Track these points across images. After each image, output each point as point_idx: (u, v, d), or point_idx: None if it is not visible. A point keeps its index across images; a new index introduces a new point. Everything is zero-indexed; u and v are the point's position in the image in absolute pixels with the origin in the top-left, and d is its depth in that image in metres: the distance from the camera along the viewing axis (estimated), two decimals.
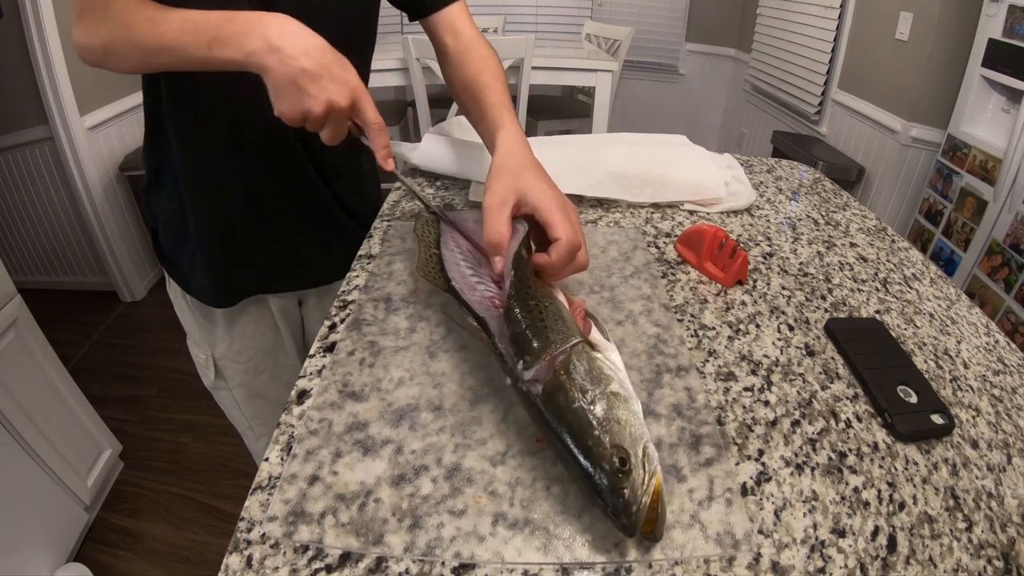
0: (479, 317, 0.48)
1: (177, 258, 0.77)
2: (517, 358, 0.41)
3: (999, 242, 1.58)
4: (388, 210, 0.77)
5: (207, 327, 0.82)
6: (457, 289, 0.51)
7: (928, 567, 0.36)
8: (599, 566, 0.34)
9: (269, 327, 0.85)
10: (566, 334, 0.42)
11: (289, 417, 0.44)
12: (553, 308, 0.45)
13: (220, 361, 0.84)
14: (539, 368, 0.40)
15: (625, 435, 0.35)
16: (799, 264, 0.69)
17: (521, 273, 0.49)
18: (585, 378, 0.38)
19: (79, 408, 1.38)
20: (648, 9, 3.39)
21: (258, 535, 0.35)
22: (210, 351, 0.83)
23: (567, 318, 0.44)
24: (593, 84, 2.12)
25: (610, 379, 0.39)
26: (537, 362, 0.40)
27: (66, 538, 1.30)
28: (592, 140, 0.92)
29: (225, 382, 0.86)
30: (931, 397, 0.47)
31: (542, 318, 0.43)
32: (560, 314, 0.44)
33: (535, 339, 0.42)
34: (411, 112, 2.80)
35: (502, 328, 0.45)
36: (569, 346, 0.41)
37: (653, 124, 3.69)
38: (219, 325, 0.81)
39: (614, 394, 0.38)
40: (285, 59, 0.50)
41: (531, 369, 0.40)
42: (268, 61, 0.50)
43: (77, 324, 2.16)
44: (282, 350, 0.88)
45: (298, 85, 0.50)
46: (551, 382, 0.39)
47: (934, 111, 1.94)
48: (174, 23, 0.53)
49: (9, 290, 1.20)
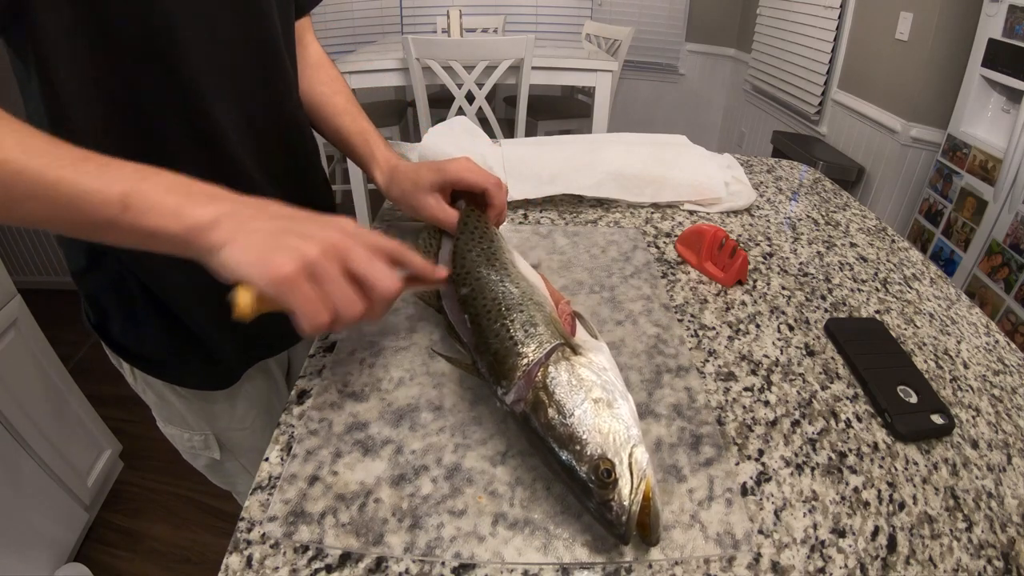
0: (463, 342, 0.47)
1: (153, 350, 0.63)
2: (495, 384, 0.41)
3: (999, 242, 1.58)
4: (388, 210, 0.77)
5: (203, 408, 0.69)
6: (445, 309, 0.51)
7: (928, 567, 0.36)
8: (599, 566, 0.34)
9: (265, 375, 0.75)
10: (540, 341, 0.41)
11: (289, 417, 0.44)
12: (522, 316, 0.43)
13: (223, 434, 0.72)
14: (518, 388, 0.39)
15: (609, 444, 0.35)
16: (799, 264, 0.69)
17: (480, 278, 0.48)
18: (565, 389, 0.38)
19: (79, 408, 1.38)
20: (648, 9, 3.39)
21: (258, 535, 0.35)
22: (208, 429, 0.71)
23: (542, 320, 0.43)
24: (593, 84, 2.12)
25: (592, 385, 0.38)
26: (513, 384, 0.39)
27: (66, 538, 1.30)
28: (592, 140, 0.92)
29: (232, 453, 0.75)
30: (931, 397, 0.47)
31: (511, 335, 0.42)
32: (531, 320, 0.43)
33: (507, 359, 0.40)
34: (411, 112, 2.80)
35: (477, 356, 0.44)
36: (544, 355, 0.40)
37: (653, 124, 3.69)
38: (218, 402, 0.69)
39: (596, 401, 0.37)
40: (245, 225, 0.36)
41: (510, 392, 0.39)
42: (225, 241, 0.36)
43: (77, 324, 2.16)
44: (275, 394, 0.77)
45: (277, 242, 0.36)
46: (531, 401, 0.38)
47: (934, 111, 1.94)
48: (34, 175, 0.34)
49: (9, 290, 1.20)
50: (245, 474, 0.78)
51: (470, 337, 0.45)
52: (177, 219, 0.35)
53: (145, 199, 0.35)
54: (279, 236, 0.36)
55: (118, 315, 0.61)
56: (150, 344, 0.63)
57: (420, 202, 0.59)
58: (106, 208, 0.35)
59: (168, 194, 0.36)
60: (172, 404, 0.69)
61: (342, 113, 0.67)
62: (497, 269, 0.49)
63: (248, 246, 0.35)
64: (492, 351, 0.42)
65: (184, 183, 0.37)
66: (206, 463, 0.76)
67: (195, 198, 0.36)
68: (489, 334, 0.43)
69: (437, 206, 0.58)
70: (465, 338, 0.46)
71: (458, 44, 1.95)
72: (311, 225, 0.38)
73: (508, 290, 0.46)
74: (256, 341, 0.69)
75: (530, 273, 0.52)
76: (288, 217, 0.38)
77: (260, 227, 0.36)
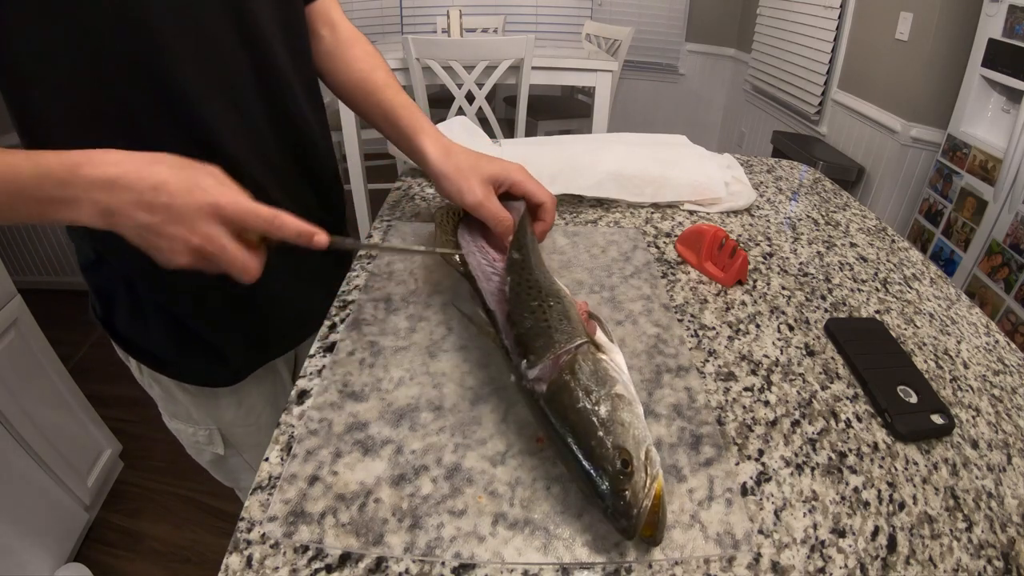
0: (488, 309, 0.48)
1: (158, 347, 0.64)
2: (521, 356, 0.41)
3: (999, 242, 1.58)
4: (388, 211, 0.77)
5: (208, 403, 0.70)
6: (473, 275, 0.51)
7: (928, 567, 0.36)
8: (599, 566, 0.34)
9: (272, 372, 0.75)
10: (571, 334, 0.42)
11: (289, 417, 0.44)
12: (559, 308, 0.45)
13: (228, 429, 0.73)
14: (543, 367, 0.39)
15: (628, 437, 0.35)
16: (799, 264, 0.69)
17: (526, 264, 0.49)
18: (590, 379, 0.38)
19: (79, 408, 1.38)
20: (648, 9, 3.39)
21: (258, 535, 0.35)
22: (214, 424, 0.72)
23: (573, 317, 0.44)
24: (593, 84, 2.13)
25: (615, 381, 0.39)
26: (541, 361, 0.40)
27: (66, 538, 1.30)
28: (592, 140, 0.92)
29: (237, 449, 0.75)
30: (931, 397, 0.47)
31: (546, 318, 0.43)
32: (566, 314, 0.44)
33: (539, 338, 0.41)
34: None
35: (507, 325, 0.45)
36: (574, 346, 0.41)
37: (653, 124, 3.69)
38: (222, 395, 0.70)
39: (618, 396, 0.38)
40: (121, 220, 0.40)
41: (535, 368, 0.40)
42: (111, 226, 0.41)
43: (77, 324, 2.16)
44: (281, 391, 0.77)
45: (149, 243, 0.41)
46: (555, 381, 0.38)
47: (934, 111, 1.94)
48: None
49: (9, 290, 1.20)
50: (249, 471, 0.78)
51: (502, 305, 0.47)
52: (78, 220, 0.40)
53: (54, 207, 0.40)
54: (149, 236, 0.41)
55: (125, 310, 0.61)
56: (156, 340, 0.63)
57: (471, 185, 0.56)
58: (30, 214, 0.40)
59: (63, 206, 0.40)
60: (178, 399, 0.69)
61: (383, 88, 0.65)
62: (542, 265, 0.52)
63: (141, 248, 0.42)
64: (526, 325, 0.43)
65: (65, 184, 0.39)
66: (210, 459, 0.76)
67: (82, 207, 0.40)
68: (526, 309, 0.44)
69: (486, 196, 0.55)
70: (492, 305, 0.48)
71: (458, 44, 1.95)
72: (180, 225, 0.40)
73: (550, 282, 0.48)
74: (261, 344, 0.69)
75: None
76: (164, 209, 0.40)
77: (141, 220, 0.40)
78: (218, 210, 0.41)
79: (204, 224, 0.40)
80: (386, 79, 0.66)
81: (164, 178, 0.40)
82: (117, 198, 0.39)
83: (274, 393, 0.76)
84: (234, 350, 0.66)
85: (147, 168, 0.40)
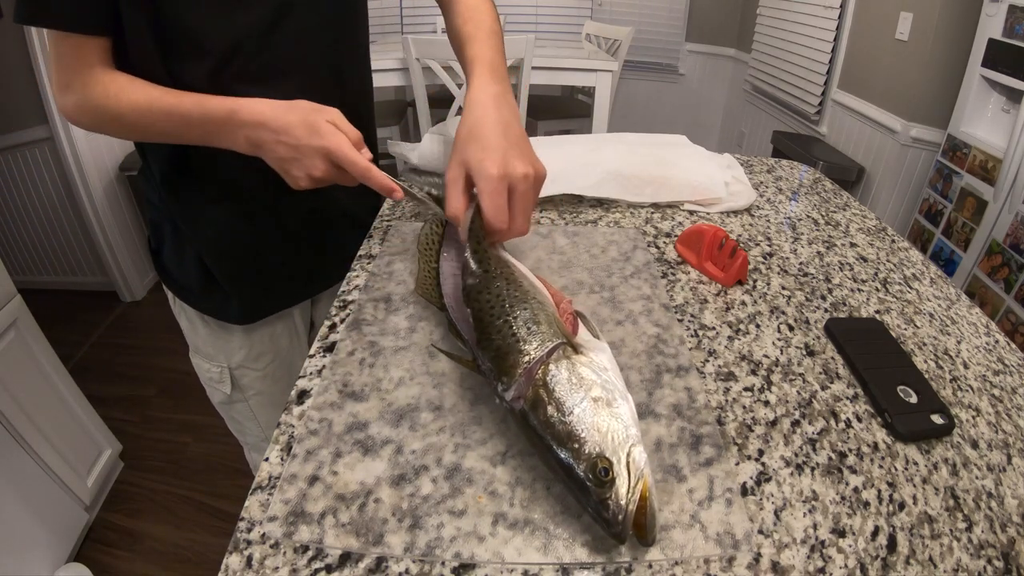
0: (465, 340, 0.47)
1: (188, 280, 0.75)
2: (495, 380, 0.41)
3: (999, 242, 1.58)
4: (388, 210, 0.77)
5: (223, 338, 0.78)
6: (448, 307, 0.51)
7: (928, 567, 0.36)
8: (599, 566, 0.34)
9: (287, 328, 0.83)
10: (542, 340, 0.41)
11: (289, 417, 0.44)
12: (524, 315, 0.44)
13: (236, 371, 0.81)
14: (518, 385, 0.39)
15: (607, 443, 0.35)
16: (799, 264, 0.69)
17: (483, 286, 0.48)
18: (565, 387, 0.38)
19: (79, 408, 1.38)
20: (648, 9, 3.39)
21: (258, 535, 0.35)
22: (225, 363, 0.80)
23: (544, 319, 0.43)
24: (593, 84, 2.13)
25: (591, 384, 0.38)
26: (514, 380, 0.39)
27: (66, 538, 1.30)
28: (592, 140, 0.92)
29: (242, 393, 0.82)
30: (931, 397, 0.47)
31: (513, 332, 0.42)
32: (534, 319, 0.43)
33: (509, 356, 0.41)
34: (411, 112, 2.80)
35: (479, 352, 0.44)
36: (546, 353, 0.40)
37: (653, 124, 3.69)
38: (236, 334, 0.78)
39: (595, 399, 0.37)
40: (266, 152, 0.56)
41: (510, 389, 0.39)
42: (257, 154, 0.56)
43: (77, 324, 2.16)
44: (298, 352, 0.85)
45: (284, 170, 0.56)
46: (530, 398, 0.38)
47: (934, 111, 1.94)
48: (159, 115, 0.56)
49: (9, 290, 1.20)
50: (253, 421, 0.86)
51: (472, 333, 0.45)
52: (233, 146, 0.58)
53: (213, 137, 0.57)
54: (284, 164, 0.56)
55: (169, 244, 0.75)
56: (185, 273, 0.74)
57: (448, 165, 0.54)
58: (194, 140, 0.58)
59: (220, 135, 0.57)
60: (199, 331, 0.79)
61: (466, 42, 0.66)
62: (502, 267, 0.50)
63: (276, 169, 0.57)
64: (494, 347, 0.42)
65: (223, 121, 0.56)
66: (220, 399, 0.84)
67: (236, 138, 0.57)
68: (492, 330, 0.43)
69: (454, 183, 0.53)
70: (466, 335, 0.47)
71: None
72: (304, 160, 0.55)
73: (512, 288, 0.47)
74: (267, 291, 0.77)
75: (531, 274, 0.52)
76: (293, 148, 0.54)
77: (279, 153, 0.55)
78: (328, 153, 0.54)
79: (320, 161, 0.54)
80: (471, 32, 0.66)
81: (294, 123, 0.54)
82: (260, 136, 0.54)
83: (288, 347, 0.84)
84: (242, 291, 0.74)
85: (283, 115, 0.54)
